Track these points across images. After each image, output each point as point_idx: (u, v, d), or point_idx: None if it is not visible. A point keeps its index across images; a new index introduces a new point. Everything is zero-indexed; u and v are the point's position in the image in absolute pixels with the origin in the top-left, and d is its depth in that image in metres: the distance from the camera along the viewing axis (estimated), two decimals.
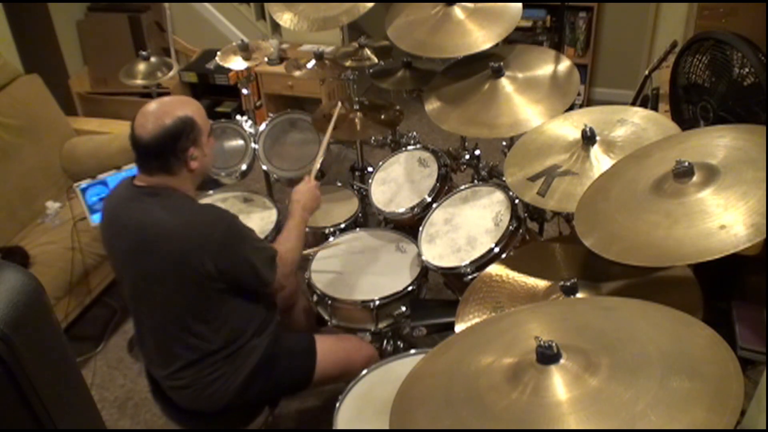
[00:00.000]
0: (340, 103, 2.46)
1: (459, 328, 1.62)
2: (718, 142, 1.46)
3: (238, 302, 1.79)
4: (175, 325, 1.76)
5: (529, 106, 2.07)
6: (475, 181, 2.31)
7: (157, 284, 1.73)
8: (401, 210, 2.25)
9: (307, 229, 2.41)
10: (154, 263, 1.70)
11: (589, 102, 4.15)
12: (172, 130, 1.68)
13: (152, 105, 1.72)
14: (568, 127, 1.88)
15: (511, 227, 1.94)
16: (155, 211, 1.70)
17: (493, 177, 2.35)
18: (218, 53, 2.78)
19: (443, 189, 2.25)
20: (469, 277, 1.89)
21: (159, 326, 1.79)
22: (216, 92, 4.03)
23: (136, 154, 1.72)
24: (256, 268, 1.78)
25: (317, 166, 2.24)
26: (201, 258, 1.66)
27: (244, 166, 2.66)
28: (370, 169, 2.72)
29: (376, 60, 2.56)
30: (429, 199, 2.22)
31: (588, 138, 1.75)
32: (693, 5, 3.07)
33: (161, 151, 1.69)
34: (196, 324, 1.75)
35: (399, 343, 2.21)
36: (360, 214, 2.52)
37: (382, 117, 2.57)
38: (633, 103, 2.57)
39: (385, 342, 2.21)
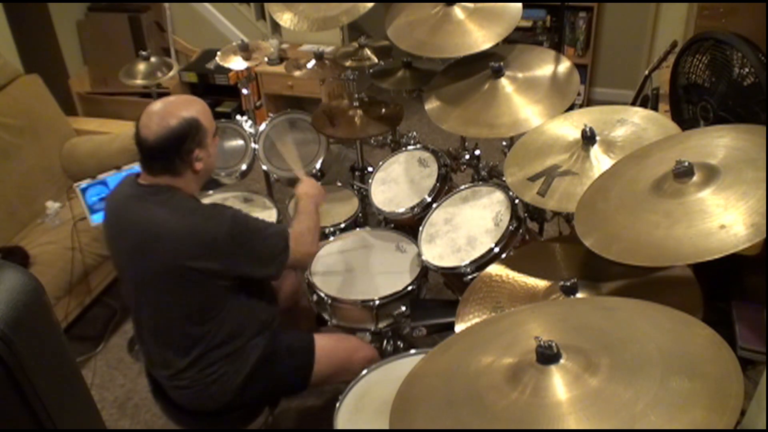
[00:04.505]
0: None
1: (459, 328, 1.62)
2: (718, 142, 1.46)
3: (241, 300, 1.79)
4: (178, 325, 1.75)
5: (529, 106, 2.07)
6: (475, 181, 2.31)
7: (160, 283, 1.72)
8: (401, 210, 2.24)
9: None
10: (157, 262, 1.69)
11: (589, 102, 4.15)
12: (178, 132, 1.66)
13: (157, 105, 1.70)
14: (568, 127, 1.88)
15: (511, 227, 1.94)
16: (159, 211, 1.69)
17: (493, 177, 2.35)
18: (218, 53, 2.78)
19: (443, 189, 2.25)
20: (469, 277, 1.89)
21: (161, 326, 1.78)
22: (216, 92, 4.03)
23: (140, 154, 1.70)
24: (262, 259, 1.77)
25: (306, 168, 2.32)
26: (204, 257, 1.66)
27: (244, 166, 2.66)
28: (370, 169, 2.72)
29: (376, 60, 2.56)
30: (429, 199, 2.21)
31: (588, 138, 1.75)
32: (693, 5, 3.07)
33: (166, 153, 1.67)
34: (199, 322, 1.75)
35: (399, 343, 2.21)
36: (360, 214, 2.52)
37: (383, 111, 2.56)
38: (633, 103, 2.57)
39: (385, 342, 2.21)
